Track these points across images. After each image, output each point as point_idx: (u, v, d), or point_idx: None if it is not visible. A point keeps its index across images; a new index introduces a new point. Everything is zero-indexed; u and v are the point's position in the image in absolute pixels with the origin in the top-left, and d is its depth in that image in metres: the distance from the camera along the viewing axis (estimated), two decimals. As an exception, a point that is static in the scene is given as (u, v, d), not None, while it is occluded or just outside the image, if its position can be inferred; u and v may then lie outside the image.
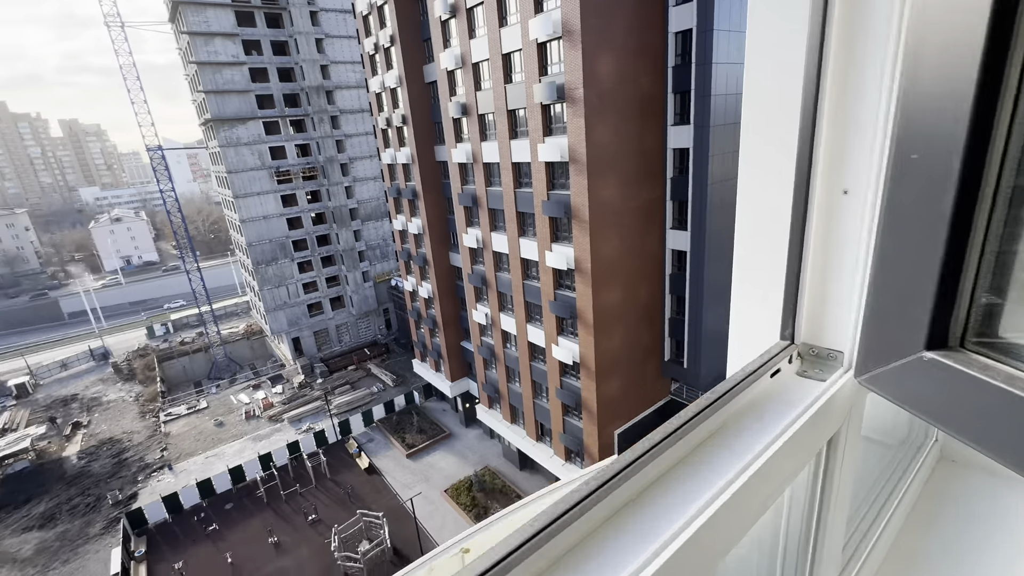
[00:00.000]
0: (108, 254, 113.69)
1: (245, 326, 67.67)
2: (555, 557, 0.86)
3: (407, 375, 52.14)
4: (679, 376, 29.46)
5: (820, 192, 1.30)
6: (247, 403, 49.32)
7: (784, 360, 1.43)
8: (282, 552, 31.47)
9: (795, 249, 1.37)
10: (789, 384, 1.40)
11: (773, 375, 1.39)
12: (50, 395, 56.74)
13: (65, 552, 33.08)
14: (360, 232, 58.73)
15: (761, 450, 1.13)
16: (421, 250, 39.49)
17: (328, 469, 38.62)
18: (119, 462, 42.57)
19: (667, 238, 27.01)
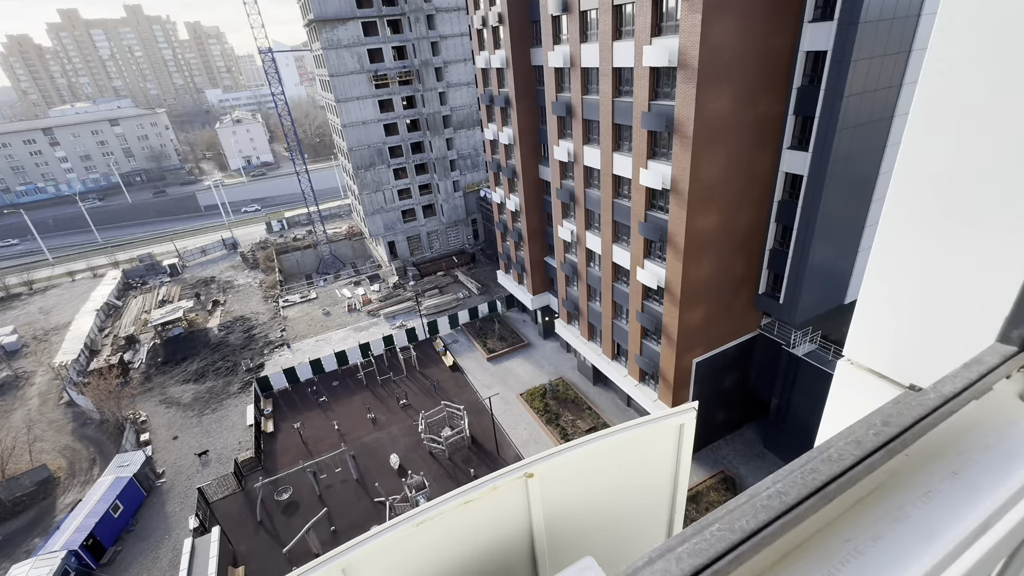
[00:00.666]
0: (232, 154, 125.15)
1: (347, 227, 72.89)
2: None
3: (491, 285, 54.17)
4: (772, 311, 27.63)
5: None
6: (349, 297, 54.60)
7: (1002, 376, 0.92)
8: (378, 427, 36.23)
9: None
10: (1008, 413, 0.90)
11: (979, 397, 0.90)
12: (194, 276, 66.67)
13: (213, 403, 40.72)
14: (452, 141, 58.75)
15: (961, 535, 0.68)
16: (511, 161, 38.84)
17: (417, 363, 42.58)
18: (249, 337, 50.05)
19: (782, 159, 24.00)
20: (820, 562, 0.67)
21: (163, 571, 27.76)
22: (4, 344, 51.49)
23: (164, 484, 33.49)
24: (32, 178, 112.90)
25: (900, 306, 1.19)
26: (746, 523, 0.65)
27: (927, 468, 0.81)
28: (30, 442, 37.82)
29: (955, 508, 0.75)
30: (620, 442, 4.06)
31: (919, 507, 0.73)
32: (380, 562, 3.49)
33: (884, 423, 0.75)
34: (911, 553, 0.69)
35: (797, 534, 0.68)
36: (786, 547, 0.69)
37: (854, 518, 0.73)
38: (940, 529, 0.68)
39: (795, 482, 0.71)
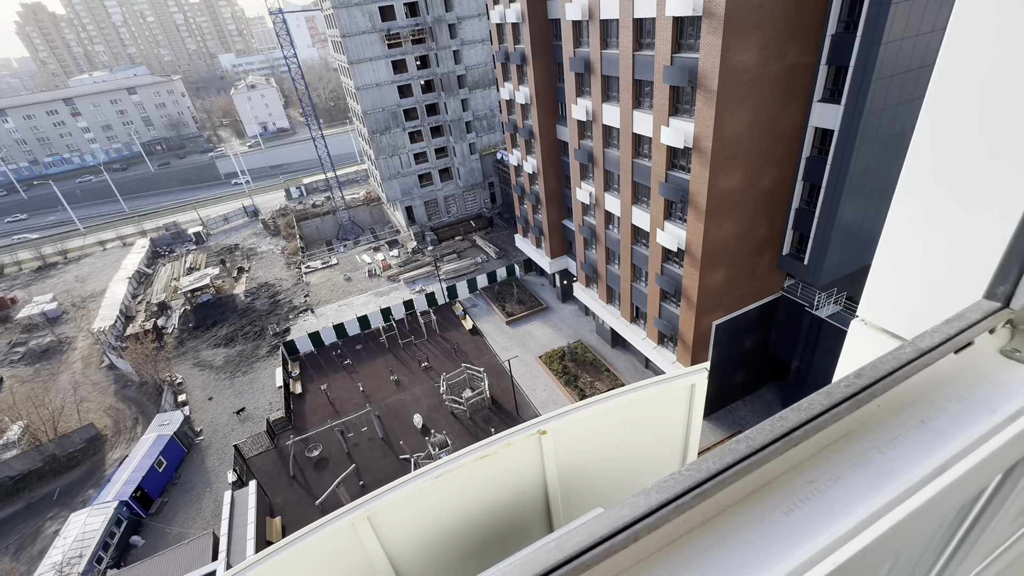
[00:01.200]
0: (248, 120, 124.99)
1: (365, 193, 73.03)
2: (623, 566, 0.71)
3: (509, 249, 54.12)
4: (796, 272, 27.08)
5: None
6: (369, 263, 55.31)
7: (983, 331, 0.95)
8: (401, 388, 37.38)
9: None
10: (985, 366, 0.93)
11: (960, 351, 0.93)
12: (218, 243, 68.16)
13: (243, 366, 42.42)
14: (467, 102, 57.50)
15: (916, 477, 0.74)
16: (527, 122, 37.97)
17: (437, 326, 43.34)
18: (274, 302, 51.45)
19: (811, 114, 22.91)
20: (782, 499, 0.75)
21: (206, 520, 29.80)
22: (46, 311, 54.06)
23: (203, 441, 35.47)
24: (57, 149, 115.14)
25: (913, 264, 1.20)
26: (712, 464, 0.73)
27: (897, 417, 0.86)
28: (77, 402, 40.23)
29: (917, 453, 0.80)
30: (632, 401, 4.16)
31: (883, 452, 0.79)
32: (402, 511, 3.73)
33: (857, 376, 0.80)
34: (868, 492, 0.73)
35: (762, 475, 0.76)
36: (751, 486, 0.76)
37: (819, 462, 0.79)
38: (898, 471, 0.74)
39: (763, 429, 0.77)
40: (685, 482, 0.71)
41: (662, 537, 0.69)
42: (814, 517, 0.72)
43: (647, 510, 0.67)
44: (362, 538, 3.49)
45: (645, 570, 0.67)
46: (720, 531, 0.71)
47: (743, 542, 0.70)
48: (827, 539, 0.66)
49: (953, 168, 1.05)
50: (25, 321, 53.20)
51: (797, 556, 0.64)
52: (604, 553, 0.64)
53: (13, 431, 37.13)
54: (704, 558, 0.68)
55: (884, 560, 0.76)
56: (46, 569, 25.62)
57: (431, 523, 3.85)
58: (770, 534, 0.70)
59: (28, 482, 34.28)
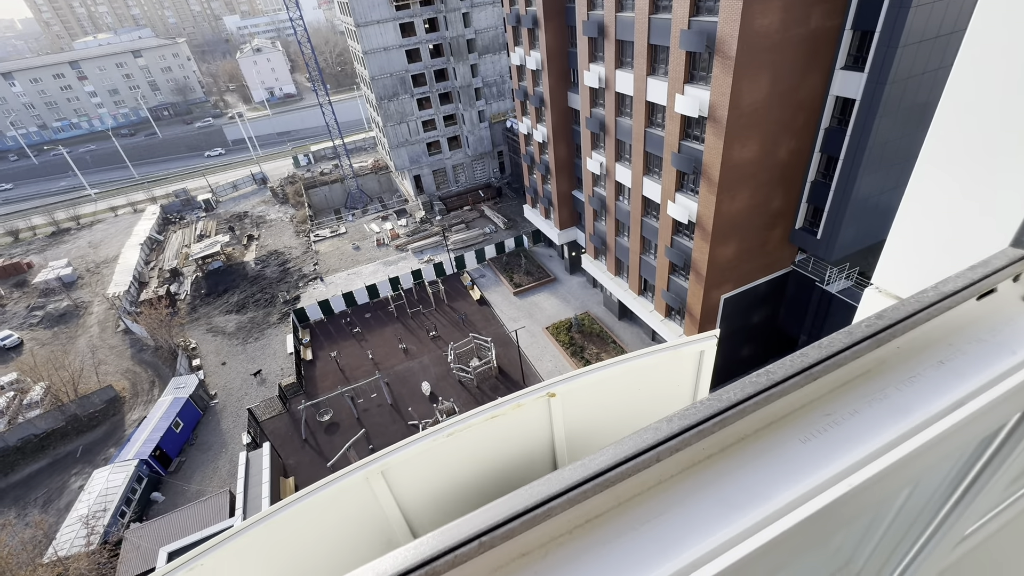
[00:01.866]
0: (255, 85, 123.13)
1: (372, 161, 72.36)
2: (596, 511, 0.74)
3: (517, 219, 53.76)
4: (808, 246, 26.74)
5: None
6: (377, 232, 55.31)
7: (1007, 278, 0.94)
8: (410, 357, 37.94)
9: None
10: (1007, 312, 0.92)
11: (981, 297, 0.93)
12: (228, 210, 68.32)
13: (255, 332, 43.16)
14: (477, 67, 56.11)
15: (932, 412, 0.76)
16: (538, 88, 37.09)
17: (445, 296, 43.60)
18: (284, 270, 51.87)
19: (833, 82, 22.15)
20: (799, 429, 0.78)
21: (223, 480, 30.94)
22: (61, 276, 54.98)
23: (217, 404, 36.48)
24: (66, 113, 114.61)
25: (932, 231, 1.20)
26: (733, 395, 0.76)
27: (916, 358, 0.87)
28: (95, 365, 41.34)
29: (934, 391, 0.82)
30: (641, 366, 4.21)
31: (900, 389, 0.81)
32: (415, 467, 3.85)
33: (879, 317, 0.82)
34: (883, 424, 0.76)
35: (781, 407, 0.78)
36: (769, 418, 0.79)
37: (836, 397, 0.82)
38: (914, 407, 0.77)
39: (784, 364, 0.80)
40: (706, 411, 0.74)
41: (683, 460, 0.73)
42: (830, 445, 0.75)
43: (669, 434, 0.71)
44: (376, 491, 3.62)
45: (666, 490, 0.71)
46: (738, 457, 0.75)
47: (760, 467, 0.73)
48: (842, 465, 0.69)
49: (981, 133, 1.04)
50: (42, 286, 54.22)
51: (813, 479, 0.67)
52: (628, 471, 0.67)
53: (36, 391, 38.38)
54: (722, 481, 0.72)
55: (902, 486, 0.80)
56: (73, 521, 26.90)
57: (442, 479, 3.97)
58: (787, 460, 0.73)
59: (52, 440, 35.64)
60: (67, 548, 25.16)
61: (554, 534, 0.66)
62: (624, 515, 0.69)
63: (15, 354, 45.06)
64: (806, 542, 0.68)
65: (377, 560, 0.62)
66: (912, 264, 1.37)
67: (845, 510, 0.68)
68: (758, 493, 0.70)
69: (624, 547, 0.66)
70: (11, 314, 51.43)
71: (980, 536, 1.54)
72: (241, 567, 3.38)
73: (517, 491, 0.69)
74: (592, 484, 0.67)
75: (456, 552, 0.60)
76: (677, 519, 0.68)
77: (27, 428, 35.54)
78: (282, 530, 3.32)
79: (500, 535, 0.62)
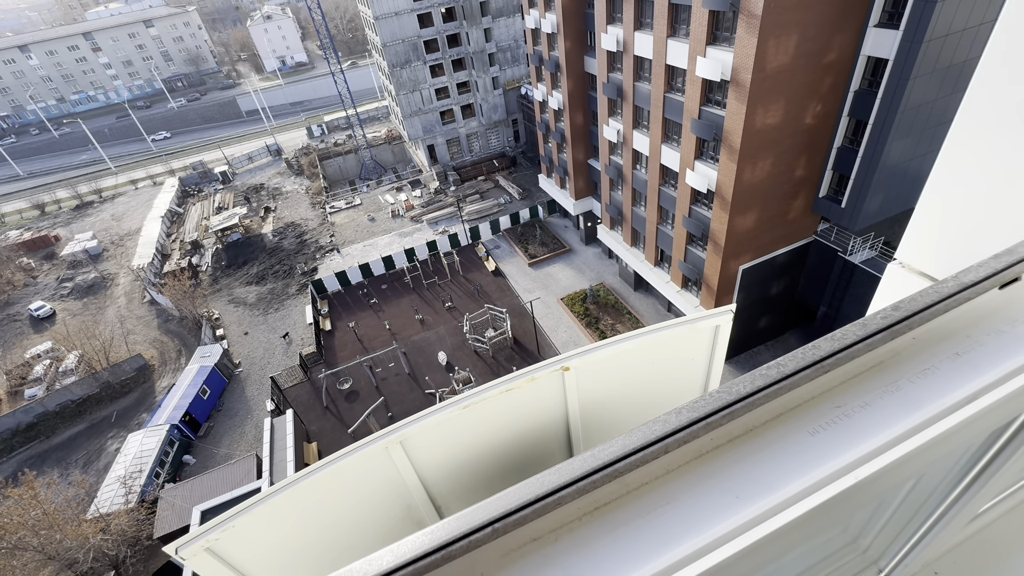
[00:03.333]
0: (266, 54, 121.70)
1: (386, 131, 71.65)
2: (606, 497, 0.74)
3: (532, 189, 53.14)
4: (832, 215, 26.01)
5: None
6: (392, 203, 55.28)
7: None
8: (426, 327, 38.46)
9: None
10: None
11: (1005, 286, 0.88)
12: (244, 183, 68.76)
13: (275, 304, 44.06)
14: (491, 31, 54.47)
15: (945, 405, 0.74)
16: (554, 53, 35.98)
17: (460, 267, 43.74)
18: (301, 242, 52.42)
19: (865, 40, 21.02)
20: (808, 421, 0.79)
21: (249, 444, 32.26)
22: (87, 248, 56.45)
23: (241, 373, 37.69)
24: (82, 86, 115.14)
25: (962, 206, 1.16)
26: (742, 387, 0.76)
27: (931, 350, 0.86)
28: (124, 335, 42.83)
29: (948, 384, 0.81)
30: (655, 341, 4.21)
31: (913, 382, 0.80)
32: (432, 438, 3.96)
33: (894, 308, 0.80)
34: (894, 417, 0.76)
35: (791, 399, 0.79)
36: (779, 410, 0.80)
37: (848, 389, 0.82)
38: (927, 399, 0.76)
39: (795, 357, 0.80)
40: (715, 403, 0.75)
41: (691, 451, 0.75)
42: (839, 438, 0.75)
43: (678, 426, 0.73)
44: (395, 460, 3.76)
45: (674, 480, 0.74)
46: (746, 448, 0.77)
47: (768, 458, 0.75)
48: (850, 457, 0.70)
49: (1020, 104, 0.98)
50: (69, 258, 55.80)
51: (820, 471, 0.69)
52: (637, 462, 0.70)
53: (70, 360, 40.05)
54: (729, 472, 0.73)
55: (907, 479, 0.81)
56: (112, 481, 28.47)
57: (458, 450, 4.09)
58: (795, 452, 0.74)
59: (88, 405, 37.39)
60: (107, 506, 26.72)
61: (564, 520, 0.69)
62: (633, 503, 0.71)
63: (49, 324, 46.88)
64: (811, 531, 0.70)
65: (396, 544, 0.66)
66: (938, 240, 1.33)
67: (850, 502, 0.69)
68: (765, 484, 0.72)
69: (632, 534, 0.69)
70: (42, 285, 53.24)
71: (985, 520, 1.55)
72: (269, 528, 3.57)
73: (529, 480, 0.72)
74: (602, 474, 0.69)
75: (470, 538, 0.63)
76: (684, 508, 0.71)
77: (64, 394, 37.28)
78: (307, 495, 3.49)
79: (512, 522, 0.65)
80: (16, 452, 35.11)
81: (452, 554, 0.60)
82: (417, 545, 0.62)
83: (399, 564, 0.63)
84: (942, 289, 0.82)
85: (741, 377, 0.79)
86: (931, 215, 1.33)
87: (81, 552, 23.59)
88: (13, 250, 57.80)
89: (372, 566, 0.62)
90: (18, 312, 49.38)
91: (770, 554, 0.65)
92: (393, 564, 0.63)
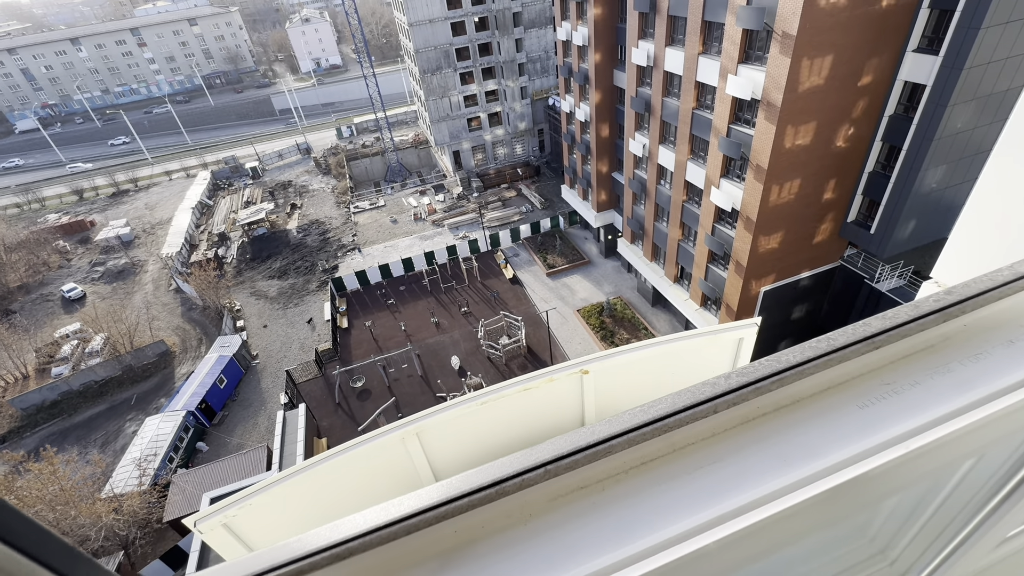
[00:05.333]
0: (302, 55, 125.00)
1: (413, 135, 72.73)
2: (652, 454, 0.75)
3: (555, 200, 53.24)
4: (860, 241, 25.47)
5: None
6: (415, 206, 55.92)
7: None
8: (441, 331, 38.64)
9: None
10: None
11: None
12: (273, 179, 70.38)
13: (295, 298, 44.80)
14: (522, 42, 55.10)
15: (997, 387, 0.74)
16: (584, 65, 36.19)
17: (479, 273, 43.93)
18: (324, 240, 53.32)
19: (902, 65, 20.69)
20: (857, 396, 0.79)
21: (261, 435, 32.68)
22: (120, 235, 58.29)
23: (258, 364, 38.31)
24: (126, 79, 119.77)
25: (1001, 230, 1.16)
26: (792, 357, 0.77)
27: (983, 336, 0.85)
28: (149, 320, 43.97)
29: (1000, 369, 0.80)
30: (677, 350, 4.18)
31: (965, 365, 0.80)
32: (448, 431, 3.99)
33: (948, 292, 0.80)
34: (945, 397, 0.76)
35: (840, 373, 0.80)
36: (827, 383, 0.80)
37: (897, 368, 0.82)
38: (979, 382, 0.76)
39: (846, 332, 0.80)
40: (765, 370, 0.77)
41: (737, 416, 0.76)
42: (888, 413, 0.76)
43: (727, 388, 0.74)
44: (410, 451, 3.79)
45: (720, 442, 0.75)
46: (793, 417, 0.77)
47: (815, 427, 0.75)
48: (900, 430, 0.70)
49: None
50: (103, 243, 57.69)
51: (869, 441, 0.69)
52: (684, 420, 0.71)
53: (96, 341, 41.25)
54: (776, 438, 0.74)
55: (964, 456, 0.80)
56: (127, 463, 29.10)
57: (473, 446, 4.10)
58: (843, 423, 0.75)
59: (110, 387, 38.38)
60: (122, 486, 27.29)
61: (611, 472, 0.71)
62: (679, 460, 0.73)
63: (79, 305, 48.42)
64: (854, 504, 0.70)
65: (450, 479, 0.68)
66: (976, 261, 1.33)
67: (898, 476, 0.69)
68: (812, 449, 0.72)
69: (677, 489, 0.70)
70: (75, 268, 55.09)
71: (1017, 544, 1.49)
72: (284, 509, 3.63)
73: (580, 429, 0.74)
74: (650, 428, 0.71)
75: (523, 477, 0.65)
76: (731, 467, 0.72)
77: (88, 375, 38.36)
78: (323, 479, 3.54)
79: (564, 466, 0.67)
80: (39, 428, 36.18)
81: (506, 490, 0.62)
82: (470, 480, 0.64)
83: (455, 495, 0.65)
84: (997, 277, 0.81)
85: (790, 348, 0.80)
86: (970, 236, 1.32)
87: (93, 530, 24.10)
88: (51, 233, 60.00)
89: (423, 499, 0.64)
90: (51, 292, 51.12)
91: (811, 521, 0.65)
92: (450, 494, 0.66)
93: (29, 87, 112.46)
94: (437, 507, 0.65)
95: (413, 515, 0.65)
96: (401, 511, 0.66)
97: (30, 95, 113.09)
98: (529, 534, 0.65)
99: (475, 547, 0.66)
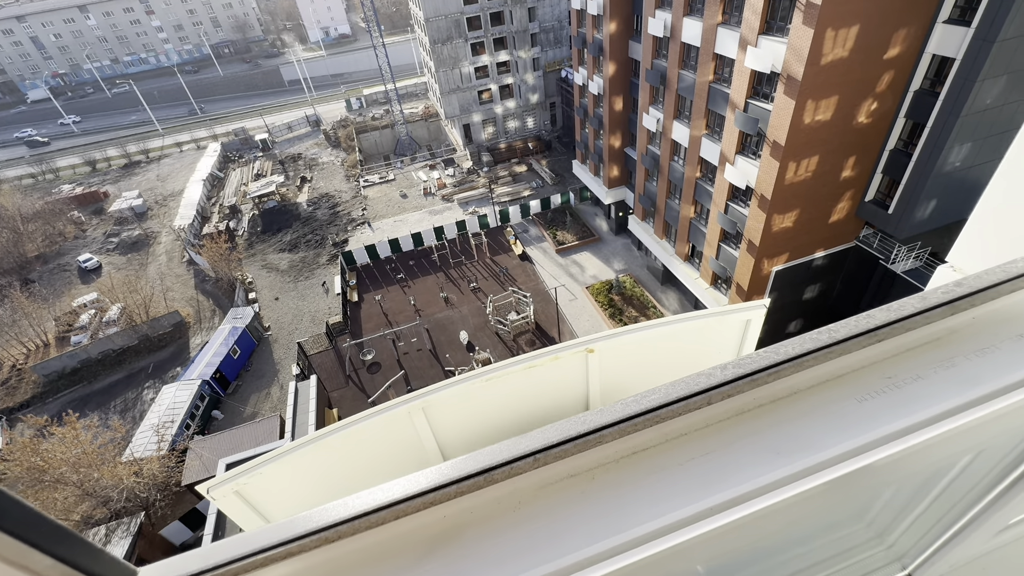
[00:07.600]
0: (311, 24, 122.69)
1: (423, 108, 71.67)
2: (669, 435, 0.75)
3: (565, 175, 52.55)
4: (877, 221, 24.93)
5: None
6: (425, 181, 55.55)
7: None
8: (450, 305, 38.86)
9: None
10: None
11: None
12: (283, 151, 70.09)
13: (305, 272, 45.16)
14: (535, 11, 53.49)
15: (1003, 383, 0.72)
16: (598, 35, 35.15)
17: (488, 249, 43.84)
18: (334, 213, 53.35)
19: (931, 37, 19.82)
20: (857, 389, 0.78)
21: (273, 404, 33.47)
22: (133, 206, 58.77)
23: (270, 336, 38.96)
24: (135, 48, 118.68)
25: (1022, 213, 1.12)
26: (790, 349, 0.76)
27: (991, 330, 0.83)
28: (164, 291, 44.70)
29: (1008, 364, 0.78)
30: (683, 330, 4.16)
31: (970, 359, 0.78)
32: (452, 407, 4.04)
33: (957, 284, 0.78)
34: (947, 392, 0.74)
35: (840, 366, 0.78)
36: (826, 375, 0.79)
37: (900, 361, 0.80)
38: (984, 377, 0.74)
39: (847, 324, 0.78)
40: (761, 362, 0.75)
41: (732, 407, 0.75)
42: (888, 407, 0.74)
43: (722, 380, 0.73)
44: (416, 425, 3.85)
45: (713, 433, 0.74)
46: (789, 410, 0.76)
47: (812, 421, 0.74)
48: (900, 426, 0.69)
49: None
50: (116, 214, 58.26)
51: (868, 436, 0.68)
52: (677, 411, 0.71)
53: (113, 311, 42.11)
54: (771, 431, 0.73)
55: (963, 452, 0.79)
56: (146, 429, 30.05)
57: (478, 421, 4.16)
58: (840, 417, 0.74)
59: (128, 356, 39.35)
60: (141, 451, 28.25)
61: (602, 461, 0.71)
62: (671, 451, 0.72)
63: (95, 276, 49.28)
64: (849, 496, 0.69)
65: (439, 465, 0.69)
66: (994, 245, 1.29)
67: (896, 470, 0.68)
68: (807, 443, 0.71)
69: (668, 479, 0.70)
70: (91, 239, 55.85)
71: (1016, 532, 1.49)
72: (293, 478, 3.73)
73: (570, 418, 0.73)
74: (642, 418, 0.71)
75: (512, 465, 0.65)
76: (723, 459, 0.72)
77: (106, 343, 39.30)
78: (332, 450, 3.62)
79: (554, 454, 0.67)
80: (61, 394, 37.35)
81: (495, 478, 0.62)
82: (459, 467, 0.65)
83: (444, 481, 0.66)
84: (1010, 269, 0.78)
85: (789, 340, 0.78)
86: (989, 220, 1.28)
87: (115, 492, 25.08)
88: (66, 203, 60.64)
89: (412, 484, 0.65)
90: (68, 263, 52.02)
91: (804, 513, 0.65)
92: (439, 481, 0.66)
93: (39, 56, 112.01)
94: (426, 493, 0.66)
95: (402, 500, 0.66)
96: (390, 496, 0.67)
97: (40, 64, 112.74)
98: (518, 521, 0.66)
99: (464, 533, 0.66)
